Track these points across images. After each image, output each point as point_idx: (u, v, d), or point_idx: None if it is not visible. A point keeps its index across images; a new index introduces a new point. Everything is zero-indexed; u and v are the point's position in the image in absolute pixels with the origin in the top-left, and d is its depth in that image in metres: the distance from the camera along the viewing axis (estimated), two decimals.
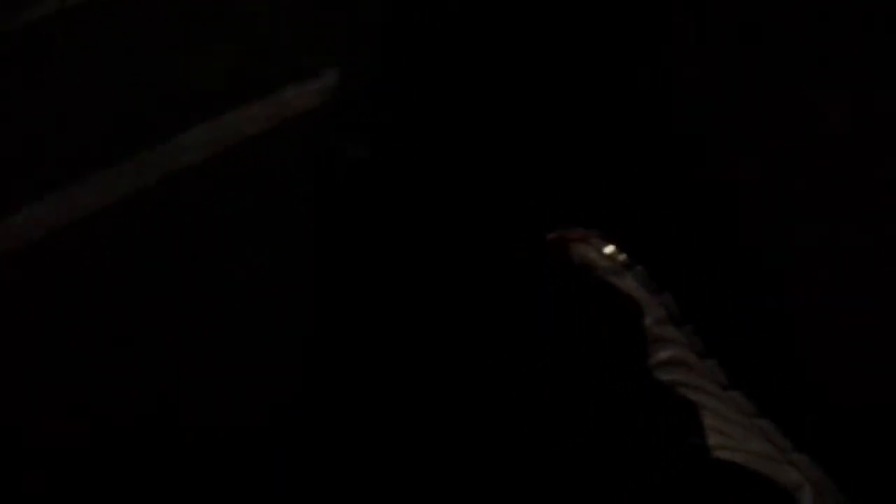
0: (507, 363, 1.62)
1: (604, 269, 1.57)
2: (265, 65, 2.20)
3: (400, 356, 1.73)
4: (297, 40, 2.23)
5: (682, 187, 1.88)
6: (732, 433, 1.45)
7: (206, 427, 1.79)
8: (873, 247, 1.85)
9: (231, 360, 1.87)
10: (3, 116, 2.17)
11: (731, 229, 1.86)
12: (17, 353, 1.91)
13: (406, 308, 1.78)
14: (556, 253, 1.63)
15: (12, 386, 1.87)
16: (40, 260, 2.03)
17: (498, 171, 1.90)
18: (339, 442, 1.69)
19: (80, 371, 1.88)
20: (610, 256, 1.58)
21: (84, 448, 1.77)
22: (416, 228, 1.85)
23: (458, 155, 1.90)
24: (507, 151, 1.92)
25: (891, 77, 1.98)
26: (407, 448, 1.65)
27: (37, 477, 1.75)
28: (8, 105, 2.19)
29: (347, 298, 1.84)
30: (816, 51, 2.02)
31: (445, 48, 1.96)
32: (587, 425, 1.50)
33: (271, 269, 1.96)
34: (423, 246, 1.83)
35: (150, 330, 1.92)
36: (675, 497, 1.41)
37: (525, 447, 1.54)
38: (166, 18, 2.27)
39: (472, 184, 1.88)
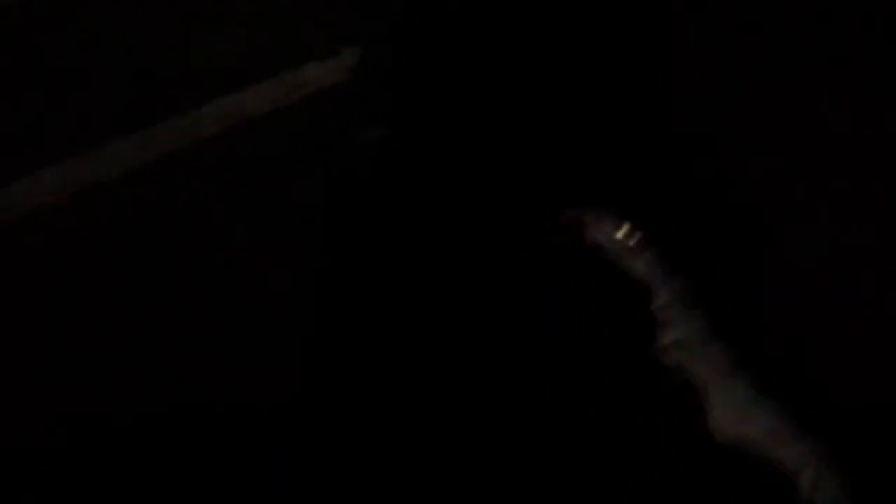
0: (507, 363, 1.62)
1: (615, 252, 1.57)
2: (284, 43, 2.19)
3: (400, 355, 1.72)
4: (316, 19, 2.23)
5: (686, 182, 1.88)
6: (734, 416, 1.45)
7: (205, 423, 1.76)
8: (873, 245, 1.85)
9: (232, 343, 1.86)
10: (23, 83, 2.16)
11: (736, 223, 1.86)
12: (17, 322, 1.89)
13: (406, 307, 1.77)
14: (568, 233, 1.62)
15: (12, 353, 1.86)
16: (47, 226, 2.01)
17: (499, 170, 1.90)
18: (339, 441, 1.68)
19: (78, 366, 1.87)
20: (622, 239, 1.58)
21: (82, 444, 1.74)
22: (417, 227, 1.84)
23: (462, 153, 1.90)
24: (509, 150, 1.92)
25: (891, 77, 1.98)
26: (407, 447, 1.65)
27: (33, 473, 1.72)
28: (27, 73, 2.17)
29: (348, 297, 1.83)
30: (817, 51, 2.03)
31: (454, 41, 1.95)
32: (588, 423, 1.50)
33: (279, 246, 1.94)
34: (423, 246, 1.82)
35: (150, 302, 1.90)
36: (677, 478, 1.40)
37: (525, 446, 1.55)
38: None
39: (474, 182, 1.88)
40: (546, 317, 1.60)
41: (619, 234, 1.57)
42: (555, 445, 1.53)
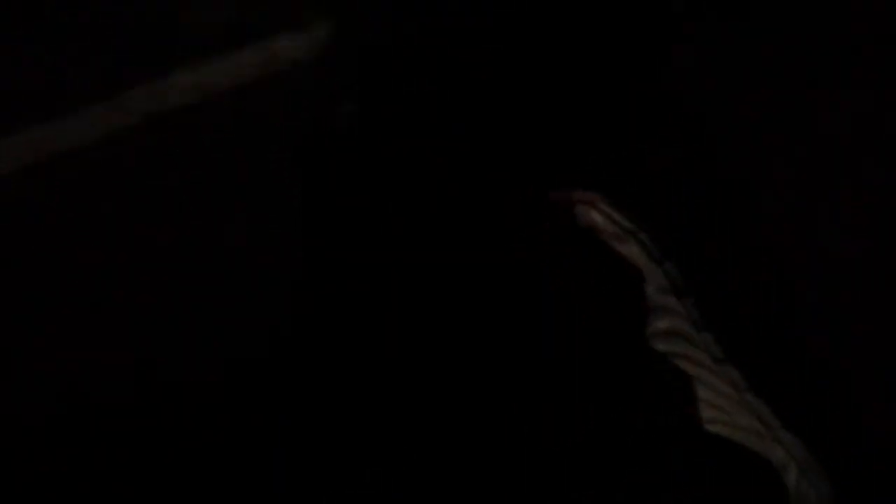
0: (507, 363, 1.62)
1: (608, 234, 1.56)
2: (255, 13, 2.14)
3: (399, 357, 1.72)
4: None
5: (685, 172, 1.87)
6: (724, 407, 1.46)
7: (203, 423, 1.77)
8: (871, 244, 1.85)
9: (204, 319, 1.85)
10: None
11: (735, 212, 1.85)
12: None
13: (404, 308, 1.76)
14: (559, 214, 1.61)
15: None
16: (14, 194, 1.98)
17: (483, 154, 1.88)
18: (340, 441, 1.69)
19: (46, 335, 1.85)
20: (615, 221, 1.57)
21: (78, 445, 1.76)
22: (415, 227, 1.83)
23: (443, 134, 1.89)
24: (493, 133, 1.90)
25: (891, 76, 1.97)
26: (407, 449, 1.65)
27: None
28: None
29: (341, 299, 1.82)
30: (818, 50, 2.02)
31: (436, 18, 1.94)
32: (587, 424, 1.50)
33: (251, 217, 1.92)
34: (421, 245, 1.81)
35: (120, 278, 1.88)
36: (666, 469, 1.40)
37: (524, 447, 1.55)
38: None
39: (458, 165, 1.87)
40: (546, 317, 1.59)
41: (613, 216, 1.56)
42: (554, 445, 1.53)
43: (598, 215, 1.58)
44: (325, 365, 1.76)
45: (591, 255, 1.56)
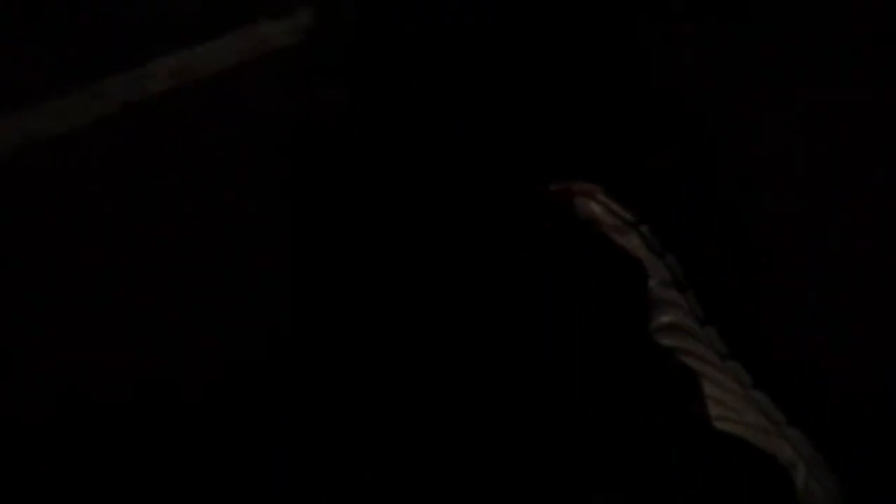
0: (507, 363, 1.61)
1: (608, 226, 1.55)
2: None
3: (399, 357, 1.72)
4: None
5: (685, 172, 1.87)
6: (730, 404, 1.45)
7: (203, 423, 1.76)
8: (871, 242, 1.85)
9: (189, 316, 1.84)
10: None
11: (735, 212, 1.85)
12: None
13: (404, 309, 1.76)
14: (558, 206, 1.61)
15: None
16: None
17: (494, 154, 1.88)
18: (340, 441, 1.68)
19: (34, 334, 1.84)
20: (615, 213, 1.57)
21: (78, 445, 1.75)
22: (415, 226, 1.82)
23: (430, 117, 1.88)
24: (484, 122, 1.90)
25: (891, 76, 1.97)
26: (407, 449, 1.65)
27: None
28: None
29: (341, 299, 1.81)
30: (818, 50, 2.02)
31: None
32: (587, 424, 1.49)
33: (239, 206, 1.91)
34: (421, 245, 1.80)
35: (103, 270, 1.87)
36: (675, 467, 1.39)
37: (525, 447, 1.55)
38: None
39: (469, 168, 1.86)
40: (546, 317, 1.59)
41: (613, 207, 1.55)
42: (554, 445, 1.52)
43: (597, 206, 1.57)
44: (325, 365, 1.75)
45: (592, 248, 1.55)
